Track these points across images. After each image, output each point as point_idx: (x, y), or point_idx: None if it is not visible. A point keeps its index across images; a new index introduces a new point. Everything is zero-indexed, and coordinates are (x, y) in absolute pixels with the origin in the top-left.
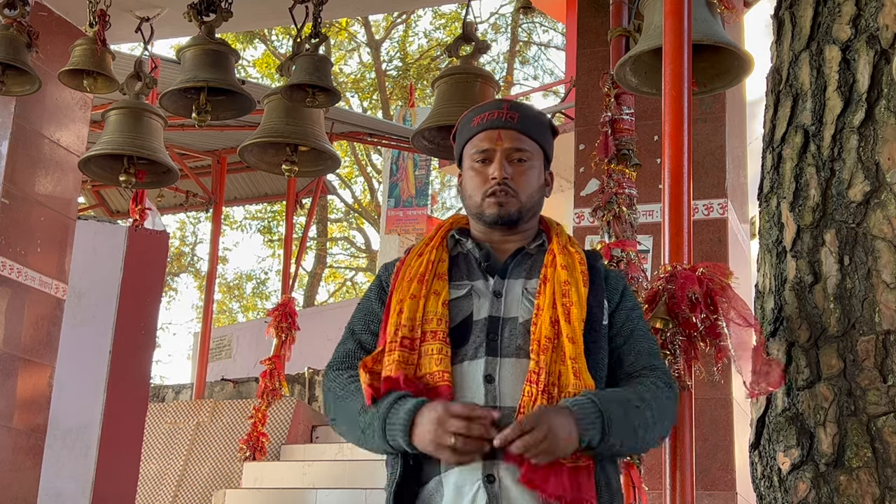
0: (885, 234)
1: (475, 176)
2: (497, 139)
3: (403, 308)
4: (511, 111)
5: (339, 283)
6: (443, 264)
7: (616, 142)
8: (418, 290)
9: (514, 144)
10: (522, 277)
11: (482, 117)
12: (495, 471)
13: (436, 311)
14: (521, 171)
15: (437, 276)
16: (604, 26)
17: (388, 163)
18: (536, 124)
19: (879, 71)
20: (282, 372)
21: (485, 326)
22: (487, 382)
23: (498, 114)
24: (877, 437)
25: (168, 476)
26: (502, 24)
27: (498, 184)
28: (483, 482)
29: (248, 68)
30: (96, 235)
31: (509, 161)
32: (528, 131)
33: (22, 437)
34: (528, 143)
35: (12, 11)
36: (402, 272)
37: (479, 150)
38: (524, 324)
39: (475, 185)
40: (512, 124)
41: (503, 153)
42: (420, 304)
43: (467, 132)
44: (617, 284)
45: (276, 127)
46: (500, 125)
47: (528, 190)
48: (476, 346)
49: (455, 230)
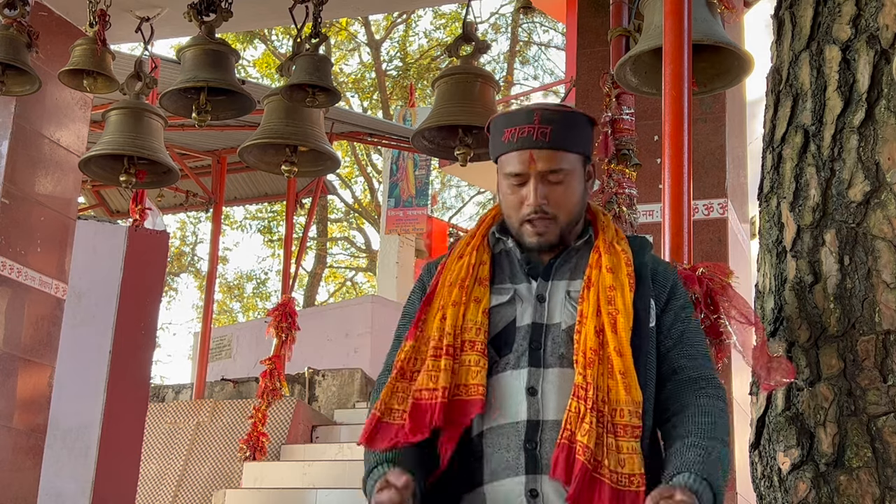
0: (885, 234)
1: (511, 195)
2: (530, 162)
3: (447, 315)
4: (543, 126)
5: (339, 283)
6: (484, 267)
7: (616, 142)
8: (459, 297)
9: (548, 166)
10: (566, 278)
11: (513, 132)
12: (538, 486)
13: (475, 320)
14: (558, 192)
15: (477, 282)
16: (604, 26)
17: (388, 163)
18: (572, 132)
19: (879, 71)
20: (282, 372)
21: (527, 334)
22: (530, 395)
23: (529, 130)
24: (877, 437)
25: (168, 476)
26: (502, 24)
27: (534, 211)
28: (527, 497)
29: (248, 68)
30: (96, 235)
31: (544, 182)
32: (563, 146)
33: (22, 437)
34: (565, 158)
35: (12, 11)
36: (444, 276)
37: (513, 172)
38: (567, 330)
39: (511, 204)
40: (544, 143)
41: (538, 177)
42: (460, 312)
43: (499, 145)
44: (665, 281)
45: (275, 127)
46: (532, 145)
47: (567, 208)
48: (519, 356)
49: (496, 227)
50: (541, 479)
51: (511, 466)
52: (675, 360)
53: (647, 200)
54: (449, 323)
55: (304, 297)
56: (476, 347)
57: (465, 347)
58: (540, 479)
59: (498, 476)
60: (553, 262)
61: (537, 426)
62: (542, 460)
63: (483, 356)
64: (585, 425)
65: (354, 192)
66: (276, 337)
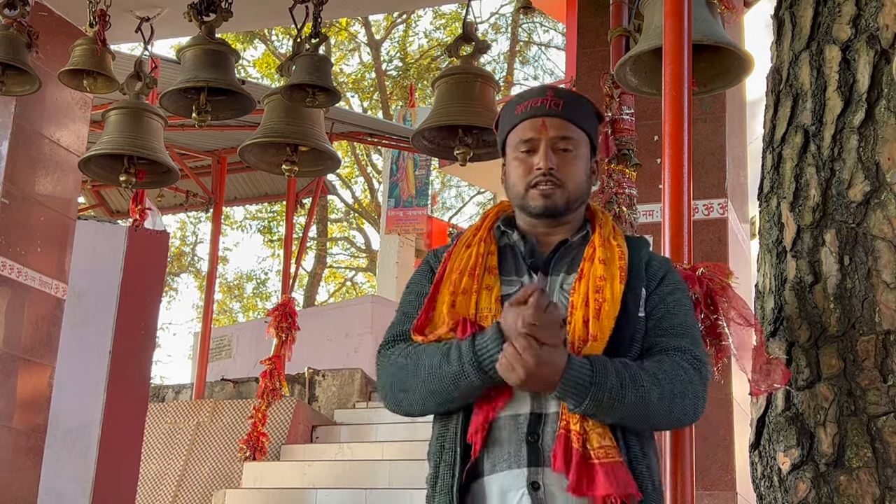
0: (885, 234)
1: (519, 166)
2: (542, 128)
3: (456, 302)
4: (556, 98)
5: (339, 283)
6: (492, 257)
7: (616, 142)
8: (469, 285)
9: (559, 133)
10: (563, 272)
11: (526, 105)
12: (540, 478)
13: (490, 307)
14: (566, 160)
15: (487, 271)
16: (604, 26)
17: (388, 163)
18: (582, 111)
19: (879, 71)
20: (282, 372)
21: None
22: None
23: (542, 101)
24: (877, 437)
25: (168, 476)
26: (502, 24)
27: (543, 174)
28: (528, 489)
29: (248, 68)
30: (96, 235)
31: (554, 150)
32: (574, 119)
33: (22, 437)
34: (575, 130)
35: (12, 11)
36: (451, 263)
37: (523, 139)
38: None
39: (519, 174)
40: (557, 112)
41: (548, 142)
42: (472, 300)
43: (510, 120)
44: (657, 271)
45: (276, 127)
46: (545, 113)
47: (574, 180)
48: None
49: (501, 220)
50: (542, 472)
51: (513, 459)
52: (654, 338)
53: (647, 200)
54: (460, 311)
55: (304, 297)
56: None
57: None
58: (542, 471)
59: (499, 468)
60: (552, 257)
61: (540, 419)
62: (543, 452)
63: None
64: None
65: (354, 192)
66: (276, 337)
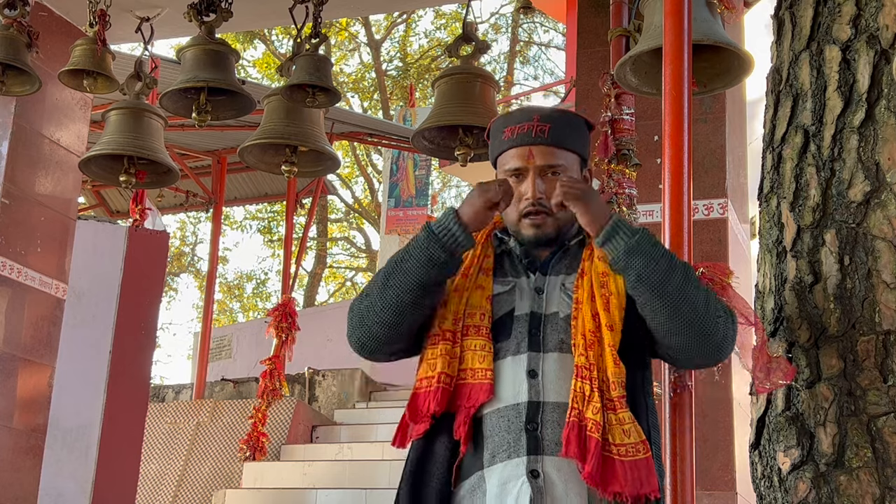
0: (886, 234)
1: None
2: (528, 157)
3: (448, 300)
4: (541, 123)
5: (339, 283)
6: (488, 259)
7: (616, 142)
8: (462, 284)
9: (546, 161)
10: (563, 273)
11: (512, 130)
12: (539, 466)
13: (480, 306)
14: (555, 184)
15: (481, 271)
16: (604, 26)
17: (388, 163)
18: (569, 131)
19: (879, 71)
20: (282, 372)
21: (526, 321)
22: (531, 377)
23: (528, 127)
24: (877, 437)
25: (168, 476)
26: (502, 24)
27: (532, 204)
28: (527, 477)
29: (248, 68)
30: (96, 235)
31: (542, 176)
32: (560, 142)
33: (22, 437)
34: (562, 154)
35: (12, 11)
36: None
37: (512, 167)
38: (565, 318)
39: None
40: (543, 139)
41: (535, 171)
42: (463, 298)
43: (499, 144)
44: None
45: (275, 127)
46: (531, 141)
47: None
48: (518, 342)
49: (498, 229)
50: (542, 460)
51: (511, 448)
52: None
53: (647, 200)
54: (449, 309)
55: (304, 297)
56: (481, 332)
57: (470, 332)
58: (541, 459)
59: (498, 458)
60: (550, 259)
61: (538, 407)
62: (543, 441)
63: (489, 340)
64: (596, 403)
65: (354, 193)
66: (276, 337)
